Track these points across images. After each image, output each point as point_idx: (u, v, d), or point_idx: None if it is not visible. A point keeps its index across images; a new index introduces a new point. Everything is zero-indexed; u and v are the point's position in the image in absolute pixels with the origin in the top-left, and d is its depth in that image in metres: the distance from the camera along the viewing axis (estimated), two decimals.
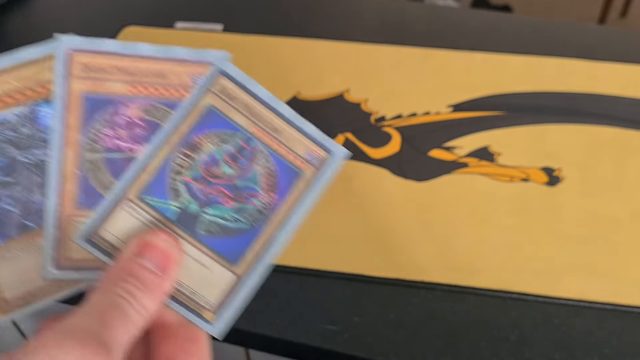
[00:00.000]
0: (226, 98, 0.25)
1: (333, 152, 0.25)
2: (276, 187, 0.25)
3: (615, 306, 0.49)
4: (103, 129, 0.23)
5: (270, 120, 0.25)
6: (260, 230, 0.25)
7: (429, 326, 0.48)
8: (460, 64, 0.73)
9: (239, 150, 0.25)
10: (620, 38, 0.77)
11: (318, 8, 0.85)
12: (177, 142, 0.24)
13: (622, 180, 0.59)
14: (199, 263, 0.24)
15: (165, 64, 0.25)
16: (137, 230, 0.24)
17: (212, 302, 0.25)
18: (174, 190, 0.24)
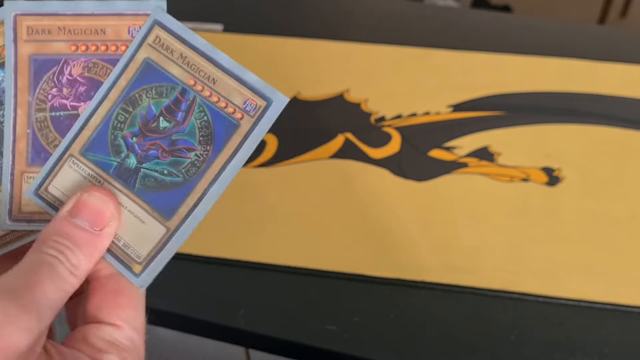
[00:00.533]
0: (163, 50, 0.25)
1: (272, 100, 0.25)
2: (212, 139, 0.25)
3: (614, 306, 0.49)
4: (49, 89, 0.25)
5: (207, 71, 0.24)
6: (194, 184, 0.25)
7: (428, 326, 0.48)
8: (460, 64, 0.73)
9: (176, 103, 0.25)
10: (620, 38, 0.77)
11: (318, 8, 0.85)
12: (116, 97, 0.25)
13: (622, 180, 0.59)
14: (134, 216, 0.25)
15: (105, 20, 0.25)
16: (80, 186, 0.25)
17: (142, 255, 0.25)
18: (114, 145, 0.25)
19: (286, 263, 0.52)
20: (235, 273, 0.52)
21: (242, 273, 0.52)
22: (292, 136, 0.64)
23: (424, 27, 0.80)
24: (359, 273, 0.52)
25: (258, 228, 0.55)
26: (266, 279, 0.52)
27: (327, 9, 0.84)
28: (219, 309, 0.50)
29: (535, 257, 0.53)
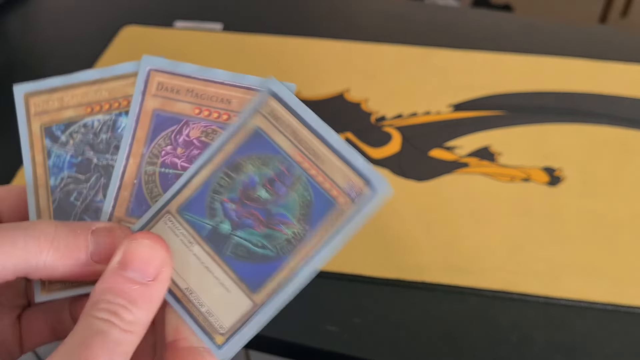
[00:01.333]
0: (274, 121, 0.25)
1: (375, 186, 0.23)
2: (310, 218, 0.24)
3: (616, 307, 0.49)
4: (164, 146, 0.25)
5: (316, 149, 0.24)
6: (286, 261, 0.24)
7: (429, 327, 0.48)
8: (461, 63, 0.73)
9: (278, 175, 0.24)
10: (620, 37, 0.77)
11: (318, 7, 0.84)
12: (221, 161, 0.25)
13: (623, 180, 0.59)
14: (220, 284, 0.24)
15: (232, 91, 0.26)
16: (171, 243, 0.25)
17: (225, 326, 0.25)
18: (211, 209, 0.25)
19: None
20: None
21: None
22: None
23: (424, 27, 0.79)
24: (359, 274, 0.51)
25: None
26: None
27: (326, 8, 0.84)
28: None
29: (536, 258, 0.52)
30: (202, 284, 0.25)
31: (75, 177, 0.25)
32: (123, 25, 0.81)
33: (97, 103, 0.25)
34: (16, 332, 0.27)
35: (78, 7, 0.86)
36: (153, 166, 0.25)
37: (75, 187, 0.26)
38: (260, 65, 0.73)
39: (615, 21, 2.19)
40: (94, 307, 0.21)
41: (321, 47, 0.76)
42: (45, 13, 0.85)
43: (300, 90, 0.70)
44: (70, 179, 0.26)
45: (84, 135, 0.25)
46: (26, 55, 0.78)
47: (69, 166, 0.26)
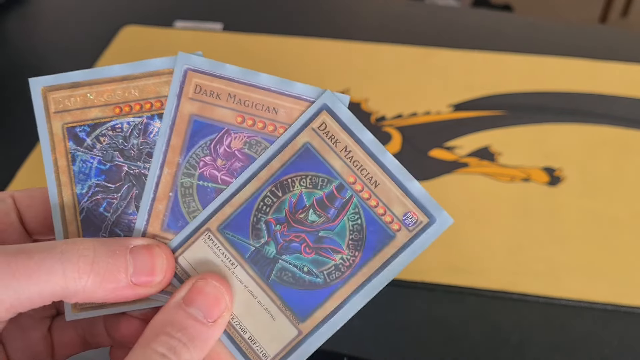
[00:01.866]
0: (327, 138, 0.23)
1: (436, 218, 0.22)
2: (362, 245, 0.23)
3: (616, 307, 0.49)
4: (203, 156, 0.23)
5: (371, 171, 0.22)
6: (335, 289, 0.23)
7: (429, 327, 0.48)
8: (461, 63, 0.73)
9: (330, 198, 0.23)
10: (620, 38, 0.77)
11: (318, 7, 0.84)
12: (267, 178, 0.23)
13: (623, 180, 0.59)
14: (265, 310, 0.23)
15: (280, 99, 0.23)
16: (211, 263, 0.23)
17: (269, 354, 0.24)
18: (255, 229, 0.23)
19: None
20: None
21: None
22: None
23: (424, 27, 0.79)
24: None
25: None
26: None
27: (326, 8, 0.84)
28: None
29: (536, 258, 0.52)
30: (245, 309, 0.23)
31: (105, 186, 0.23)
32: (123, 25, 0.81)
33: (127, 103, 0.23)
34: (48, 343, 0.26)
35: (78, 7, 0.86)
36: (190, 178, 0.23)
37: (105, 196, 0.23)
38: (261, 65, 0.73)
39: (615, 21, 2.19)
40: (154, 340, 0.21)
41: (321, 47, 0.76)
42: (45, 13, 0.85)
43: None
44: (99, 188, 0.23)
45: (112, 139, 0.23)
46: (26, 56, 0.78)
47: (97, 173, 0.23)
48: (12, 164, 0.62)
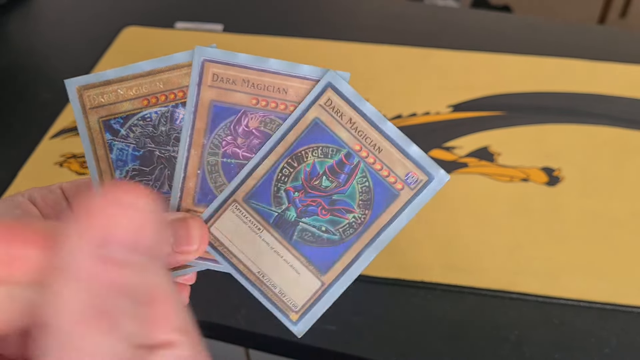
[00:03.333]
0: (333, 112, 0.26)
1: (434, 176, 0.25)
2: (371, 204, 0.26)
3: (615, 306, 0.49)
4: (224, 136, 0.26)
5: (374, 139, 0.26)
6: (350, 244, 0.26)
7: (429, 326, 0.48)
8: (460, 64, 0.73)
9: (340, 165, 0.26)
10: (619, 38, 0.77)
11: (318, 8, 0.85)
12: (283, 152, 0.26)
13: (622, 180, 0.59)
14: (291, 267, 0.26)
15: (288, 80, 0.26)
16: (240, 230, 0.26)
17: (298, 304, 0.27)
18: (276, 197, 0.26)
19: None
20: None
21: None
22: None
23: (424, 27, 0.80)
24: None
25: None
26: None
27: (327, 9, 0.84)
28: (220, 310, 0.50)
29: (535, 257, 0.53)
30: (273, 268, 0.26)
31: (140, 170, 0.26)
32: (124, 26, 0.81)
33: (153, 95, 0.26)
34: None
35: (80, 7, 0.86)
36: (215, 157, 0.26)
37: (141, 179, 0.26)
38: None
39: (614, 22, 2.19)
40: None
41: (321, 47, 0.76)
42: (47, 13, 0.86)
43: None
44: (135, 172, 0.26)
45: (143, 127, 0.26)
46: (28, 56, 0.78)
47: (133, 159, 0.26)
48: (14, 163, 0.62)
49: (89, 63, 0.74)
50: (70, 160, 0.62)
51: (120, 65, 0.26)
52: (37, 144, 0.64)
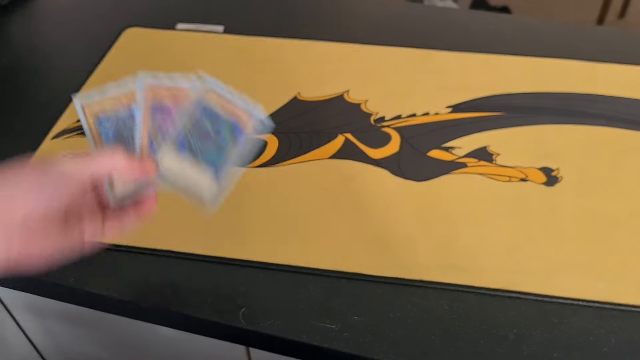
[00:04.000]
0: (211, 100, 0.44)
1: (260, 118, 0.44)
2: (233, 133, 0.44)
3: (613, 305, 0.50)
4: (160, 120, 0.45)
5: (230, 102, 0.44)
6: (229, 157, 0.44)
7: (428, 325, 0.49)
8: (459, 65, 0.73)
9: (218, 124, 0.44)
10: (617, 39, 0.78)
11: (318, 10, 0.85)
12: (189, 121, 0.44)
13: (620, 180, 0.59)
14: (199, 170, 0.44)
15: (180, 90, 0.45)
16: (173, 157, 0.44)
17: (206, 196, 0.44)
18: (187, 140, 0.44)
19: (287, 262, 0.53)
20: (236, 272, 0.53)
21: (243, 272, 0.53)
22: (293, 136, 0.65)
23: (423, 28, 0.80)
24: (358, 272, 0.52)
25: (259, 228, 0.56)
26: (266, 278, 0.52)
27: (326, 11, 0.85)
28: (220, 308, 0.50)
29: (533, 257, 0.53)
30: (187, 173, 0.44)
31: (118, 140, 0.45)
32: (126, 27, 0.81)
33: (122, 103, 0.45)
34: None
35: (82, 8, 0.87)
36: (154, 129, 0.45)
37: (118, 145, 0.45)
38: (261, 66, 0.74)
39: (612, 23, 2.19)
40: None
41: (322, 49, 0.77)
42: (49, 14, 0.86)
43: (301, 91, 0.70)
44: (115, 143, 0.45)
45: (117, 120, 0.45)
46: (30, 56, 0.78)
47: (112, 137, 0.45)
48: None
49: (90, 64, 0.74)
50: None
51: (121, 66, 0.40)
52: (38, 144, 0.65)
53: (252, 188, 0.59)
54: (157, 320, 0.53)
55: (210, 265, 0.53)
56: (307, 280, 0.52)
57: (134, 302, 0.51)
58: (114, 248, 0.54)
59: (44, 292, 0.55)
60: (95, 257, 0.54)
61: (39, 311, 0.67)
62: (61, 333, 0.70)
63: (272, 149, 0.63)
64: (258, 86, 0.71)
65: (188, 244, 0.55)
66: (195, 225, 0.56)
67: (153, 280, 0.52)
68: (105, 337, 0.68)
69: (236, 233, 0.55)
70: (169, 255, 0.54)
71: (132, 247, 0.54)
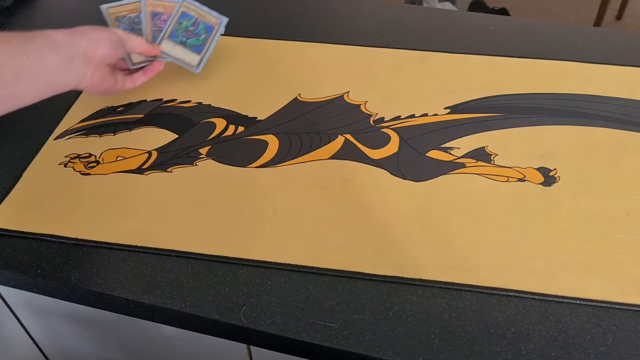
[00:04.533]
0: (191, 8, 0.71)
1: (223, 20, 0.71)
2: (208, 31, 0.70)
3: (610, 304, 0.50)
4: (158, 22, 0.70)
5: (207, 17, 0.71)
6: (205, 44, 0.70)
7: (427, 323, 0.49)
8: (458, 66, 0.74)
9: (196, 24, 0.70)
10: (614, 40, 0.78)
11: (317, 12, 0.85)
12: (176, 23, 0.70)
13: (617, 180, 0.60)
14: (186, 52, 0.70)
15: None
16: (170, 45, 0.70)
17: (194, 63, 0.70)
18: (177, 34, 0.70)
19: (287, 261, 0.53)
20: (237, 271, 0.53)
21: (243, 271, 0.53)
22: (293, 137, 0.65)
23: (422, 30, 0.81)
24: (358, 271, 0.52)
25: (260, 227, 0.56)
26: (267, 277, 0.52)
27: (326, 13, 0.85)
28: (221, 307, 0.50)
29: (532, 256, 0.53)
30: (179, 52, 0.70)
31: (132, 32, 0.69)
32: None
33: (132, 10, 0.71)
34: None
35: (82, 10, 0.87)
36: (155, 27, 0.70)
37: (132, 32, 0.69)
38: (262, 68, 0.74)
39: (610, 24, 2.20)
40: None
41: (322, 50, 0.77)
42: (52, 15, 0.86)
43: (301, 92, 0.71)
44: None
45: (129, 20, 0.70)
46: None
47: (127, 29, 0.70)
48: (19, 163, 0.63)
49: None
50: (74, 161, 0.63)
51: None
52: (41, 144, 0.65)
53: (253, 188, 0.60)
54: (159, 318, 0.53)
55: (211, 264, 0.54)
56: (307, 279, 0.52)
57: (136, 301, 0.51)
58: (116, 247, 0.55)
59: (46, 291, 0.55)
60: (98, 256, 0.55)
61: (42, 310, 0.67)
62: (64, 332, 0.70)
63: (273, 149, 0.64)
64: (259, 87, 0.72)
65: (189, 244, 0.55)
66: (196, 225, 0.56)
67: (155, 279, 0.53)
68: (107, 336, 0.68)
69: (237, 232, 0.56)
70: (170, 254, 0.54)
71: (134, 246, 0.55)
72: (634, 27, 2.20)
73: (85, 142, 0.66)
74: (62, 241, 0.56)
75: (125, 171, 0.62)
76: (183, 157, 0.63)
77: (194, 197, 0.59)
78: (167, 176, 0.61)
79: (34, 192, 0.60)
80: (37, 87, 0.52)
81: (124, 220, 0.57)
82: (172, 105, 0.70)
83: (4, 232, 0.56)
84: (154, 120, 0.68)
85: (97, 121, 0.68)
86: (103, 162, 0.63)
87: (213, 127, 0.67)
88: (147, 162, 0.63)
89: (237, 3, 0.86)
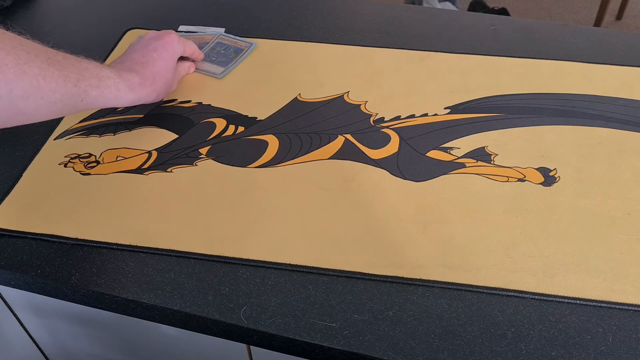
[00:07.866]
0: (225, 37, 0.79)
1: (252, 44, 0.78)
2: (237, 54, 0.76)
3: (610, 304, 0.50)
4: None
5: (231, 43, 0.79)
6: (233, 62, 0.76)
7: (426, 323, 0.49)
8: (458, 66, 0.74)
9: (226, 48, 0.77)
10: (615, 40, 0.78)
11: (318, 12, 0.85)
12: (212, 48, 0.78)
13: (617, 180, 0.60)
14: (217, 65, 0.75)
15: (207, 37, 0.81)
16: (206, 65, 0.76)
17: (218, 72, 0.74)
18: (210, 56, 0.77)
19: (287, 261, 0.53)
20: (237, 271, 0.53)
21: (243, 271, 0.53)
22: (293, 137, 0.65)
23: (422, 30, 0.81)
24: (358, 271, 0.52)
25: (260, 227, 0.56)
26: (267, 277, 0.52)
27: (326, 13, 0.85)
28: (221, 307, 0.50)
29: (531, 256, 0.54)
30: (211, 66, 0.75)
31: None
32: (128, 29, 0.82)
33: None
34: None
35: (84, 10, 0.87)
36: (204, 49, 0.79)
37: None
38: (262, 68, 0.74)
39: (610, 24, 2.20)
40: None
41: (322, 50, 0.77)
42: (52, 16, 0.86)
43: (302, 92, 0.71)
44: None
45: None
46: None
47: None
48: (19, 163, 0.63)
49: None
50: (74, 161, 0.63)
51: None
52: (41, 144, 0.65)
53: (253, 188, 0.60)
54: (159, 318, 0.53)
55: (212, 264, 0.54)
56: (307, 279, 0.52)
57: (136, 301, 0.51)
58: (116, 247, 0.55)
59: (46, 291, 0.55)
60: (98, 256, 0.55)
61: (42, 310, 0.67)
62: (64, 332, 0.70)
63: (273, 149, 0.64)
64: (259, 87, 0.72)
65: (189, 244, 0.55)
66: (196, 225, 0.56)
67: (155, 279, 0.53)
68: (107, 336, 0.68)
69: (237, 232, 0.56)
70: (170, 254, 0.54)
71: (134, 246, 0.55)
72: (634, 27, 2.20)
73: (85, 142, 0.66)
74: (62, 241, 0.56)
75: (125, 171, 0.62)
76: (183, 157, 0.63)
77: (194, 197, 0.59)
78: (167, 176, 0.61)
79: (34, 192, 0.60)
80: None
81: (124, 220, 0.57)
82: (172, 105, 0.70)
83: (4, 232, 0.56)
84: (154, 120, 0.68)
85: (97, 121, 0.68)
86: (103, 162, 0.63)
87: (213, 127, 0.67)
88: (147, 162, 0.63)
89: (237, 3, 0.86)
